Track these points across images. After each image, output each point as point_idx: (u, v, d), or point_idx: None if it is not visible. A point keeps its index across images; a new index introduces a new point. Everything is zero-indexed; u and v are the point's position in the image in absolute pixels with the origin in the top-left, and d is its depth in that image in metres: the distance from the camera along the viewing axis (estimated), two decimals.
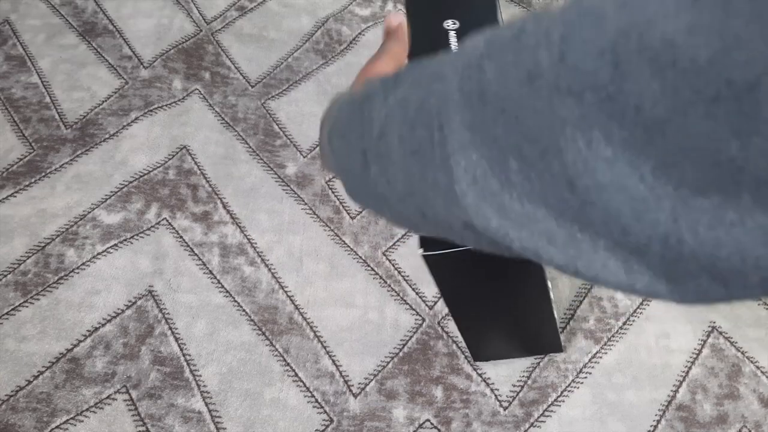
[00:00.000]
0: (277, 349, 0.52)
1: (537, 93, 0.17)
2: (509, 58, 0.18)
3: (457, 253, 0.40)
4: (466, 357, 0.52)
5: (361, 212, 0.59)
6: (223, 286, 0.55)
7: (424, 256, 0.40)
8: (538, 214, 0.18)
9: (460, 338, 0.53)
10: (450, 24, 0.49)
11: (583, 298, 0.56)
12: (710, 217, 0.15)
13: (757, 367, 0.54)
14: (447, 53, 0.23)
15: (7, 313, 0.52)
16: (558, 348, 0.52)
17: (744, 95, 0.13)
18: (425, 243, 0.40)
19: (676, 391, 0.52)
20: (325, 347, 0.52)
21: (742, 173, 0.14)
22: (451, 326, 0.53)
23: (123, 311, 0.53)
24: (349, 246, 0.57)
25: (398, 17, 0.41)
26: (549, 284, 0.42)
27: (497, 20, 0.45)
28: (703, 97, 0.14)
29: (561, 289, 0.57)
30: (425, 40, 0.49)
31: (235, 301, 0.54)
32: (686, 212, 0.15)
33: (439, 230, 0.25)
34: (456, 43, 0.47)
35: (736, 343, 0.54)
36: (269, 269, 0.56)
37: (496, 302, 0.47)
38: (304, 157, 0.63)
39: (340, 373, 0.51)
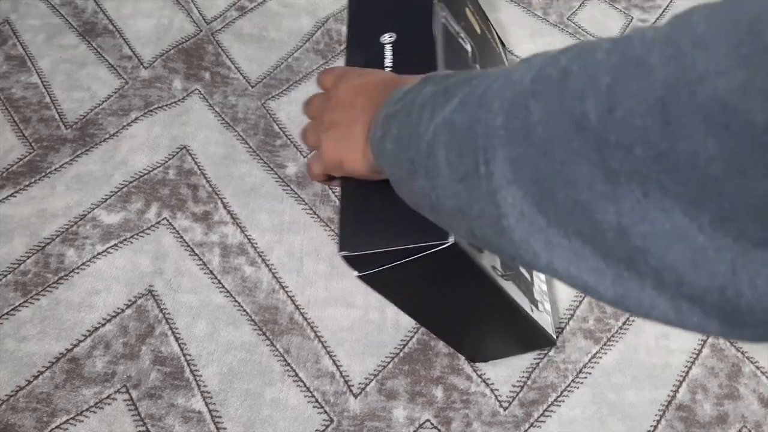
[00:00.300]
0: (277, 349, 0.52)
1: (584, 142, 0.17)
2: (555, 102, 0.18)
3: (392, 269, 0.39)
4: (466, 357, 0.52)
5: None
6: (223, 286, 0.55)
7: (360, 277, 0.39)
8: (585, 252, 0.18)
9: None
10: (387, 38, 0.48)
11: (583, 298, 0.56)
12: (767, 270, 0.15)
13: (757, 367, 0.54)
14: (494, 73, 0.23)
15: (7, 313, 0.52)
16: (549, 342, 0.51)
17: None
18: (357, 263, 0.39)
19: (676, 391, 0.52)
20: (325, 347, 0.52)
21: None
22: None
23: (123, 311, 0.53)
24: None
25: None
26: (502, 282, 0.41)
27: (432, 34, 0.44)
28: (763, 158, 0.14)
29: (561, 288, 0.57)
30: (361, 53, 0.49)
31: (236, 301, 0.54)
32: (746, 264, 0.15)
33: (485, 246, 0.25)
34: (391, 59, 0.46)
35: (736, 343, 0.55)
36: (270, 269, 0.56)
37: (451, 306, 0.46)
38: (304, 157, 0.63)
39: (341, 373, 0.51)
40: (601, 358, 0.53)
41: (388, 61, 0.46)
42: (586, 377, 0.52)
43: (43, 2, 0.74)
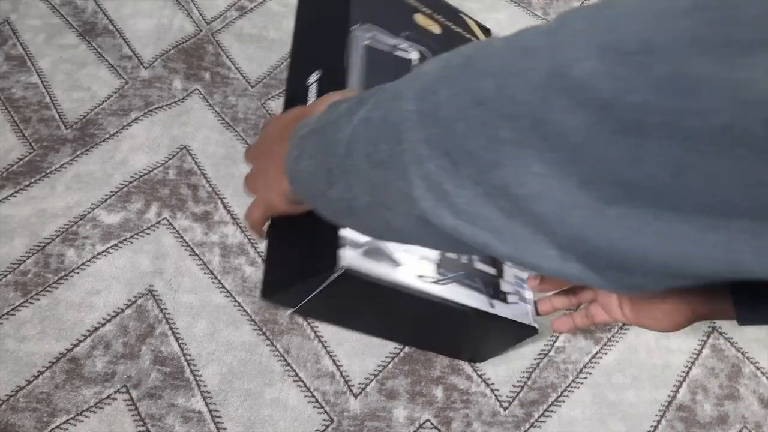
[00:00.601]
0: (277, 349, 0.52)
1: (482, 116, 0.21)
2: (459, 83, 0.22)
3: (311, 302, 0.43)
4: (464, 359, 0.52)
5: None
6: (223, 286, 0.55)
7: (293, 314, 0.42)
8: (487, 213, 0.22)
9: None
10: (313, 78, 0.51)
11: None
12: (615, 224, 0.19)
13: (757, 368, 0.54)
14: (406, 76, 0.27)
15: (7, 313, 0.52)
16: (530, 331, 0.48)
17: (634, 129, 0.17)
18: (280, 303, 0.44)
19: (677, 392, 0.52)
20: (325, 347, 0.52)
21: (640, 189, 0.18)
22: None
23: (123, 311, 0.53)
24: None
25: None
26: (435, 288, 0.42)
27: (344, 68, 0.47)
28: (611, 129, 0.18)
29: None
30: (291, 98, 0.52)
31: (236, 301, 0.54)
32: (598, 219, 0.19)
33: (401, 237, 0.28)
34: (314, 97, 0.49)
35: (736, 343, 0.55)
36: None
37: (402, 320, 0.47)
38: None
39: (341, 373, 0.51)
40: (601, 358, 0.53)
41: (310, 101, 0.49)
42: (586, 377, 0.52)
43: (43, 2, 0.74)
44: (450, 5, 0.65)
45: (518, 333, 0.49)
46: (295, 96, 0.52)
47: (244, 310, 0.53)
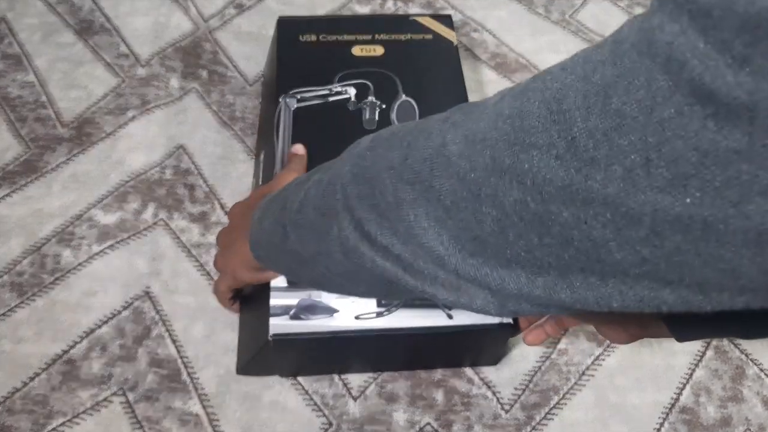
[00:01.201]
0: None
1: (390, 179, 0.27)
2: (381, 152, 0.29)
3: (269, 365, 0.48)
4: (467, 366, 0.52)
5: None
6: None
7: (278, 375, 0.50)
8: (400, 253, 0.28)
9: None
10: (261, 157, 0.56)
11: None
12: (479, 268, 0.25)
13: (761, 370, 0.53)
14: (352, 145, 0.33)
15: (3, 315, 0.52)
16: (509, 330, 0.46)
17: (484, 199, 0.23)
18: (253, 373, 0.49)
19: (680, 394, 0.52)
20: None
21: (488, 244, 0.24)
22: None
23: (119, 312, 0.52)
24: None
25: (302, 148, 0.50)
26: (380, 321, 0.44)
27: (275, 151, 0.51)
28: (466, 196, 0.24)
29: None
30: (255, 171, 0.59)
31: None
32: (469, 265, 0.25)
33: (342, 284, 0.34)
34: (261, 176, 0.54)
35: (740, 345, 0.54)
36: None
37: (372, 360, 0.50)
38: None
39: (340, 376, 0.50)
40: (603, 360, 0.53)
41: (261, 181, 0.54)
42: (588, 380, 0.52)
43: (39, 0, 0.73)
44: (397, 17, 0.68)
45: (495, 335, 0.46)
46: (256, 174, 0.58)
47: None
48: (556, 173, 0.20)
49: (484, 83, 0.69)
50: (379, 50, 0.58)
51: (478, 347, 0.49)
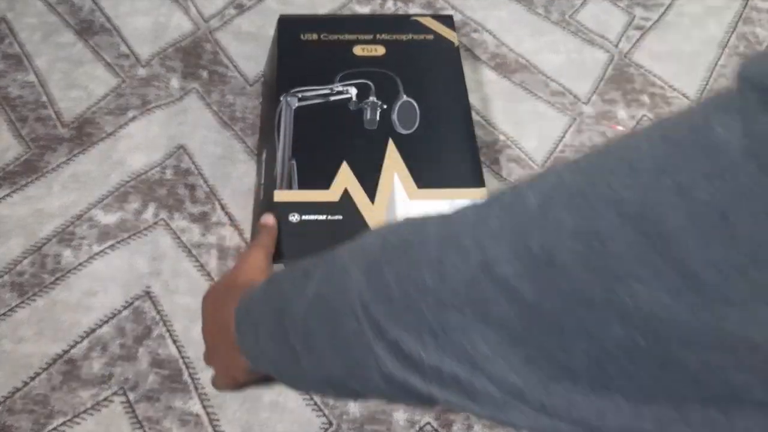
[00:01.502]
0: None
1: (427, 304, 0.23)
2: (402, 268, 0.24)
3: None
4: None
5: None
6: None
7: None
8: (450, 368, 0.23)
9: None
10: (263, 155, 0.56)
11: None
12: (556, 394, 0.21)
13: None
14: (346, 246, 0.28)
15: (3, 314, 0.52)
16: None
17: (554, 326, 0.19)
18: None
19: None
20: None
21: (577, 373, 0.20)
22: None
23: (120, 312, 0.52)
24: None
25: (273, 219, 0.48)
26: None
27: (276, 150, 0.52)
28: (536, 323, 0.20)
29: None
30: (257, 167, 0.58)
31: None
32: (543, 392, 0.21)
33: (386, 400, 0.29)
34: (263, 174, 0.54)
35: None
36: None
37: None
38: None
39: None
40: None
41: (262, 179, 0.54)
42: None
43: (39, 0, 0.73)
44: (398, 17, 0.67)
45: None
46: (258, 172, 0.57)
47: None
48: (674, 312, 0.17)
49: (484, 83, 0.70)
50: (380, 50, 0.58)
51: None
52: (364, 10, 0.75)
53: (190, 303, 0.53)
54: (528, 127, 0.66)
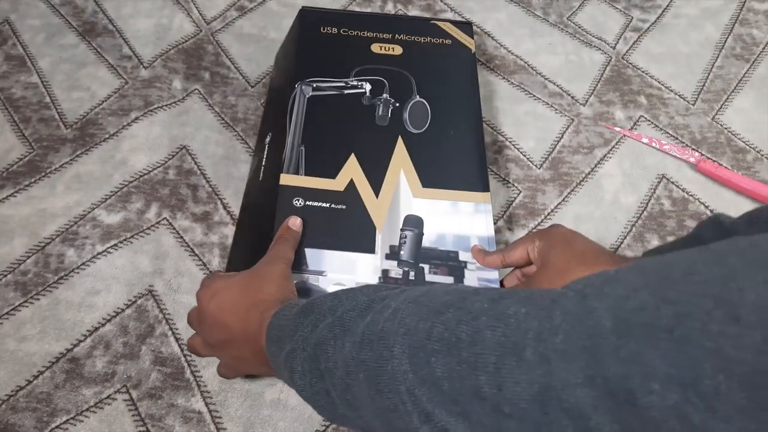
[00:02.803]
0: None
1: (484, 407, 0.22)
2: (454, 366, 0.23)
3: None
4: None
5: None
6: None
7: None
8: None
9: None
10: (268, 138, 0.55)
11: None
12: None
13: None
14: (383, 310, 0.28)
15: (7, 313, 0.52)
16: None
17: None
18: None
19: None
20: None
21: None
22: None
23: (123, 311, 0.53)
24: None
25: (298, 222, 0.47)
26: None
27: (286, 134, 0.51)
28: None
29: None
30: (257, 157, 0.58)
31: None
32: None
33: None
34: (266, 156, 0.54)
35: None
36: None
37: None
38: None
39: None
40: None
41: (264, 161, 0.54)
42: None
43: (42, 2, 0.74)
44: (418, 18, 0.68)
45: None
46: (258, 154, 0.57)
47: None
48: None
49: (483, 84, 0.70)
50: (397, 49, 0.58)
51: None
52: (365, 11, 0.75)
53: (193, 302, 0.53)
54: (526, 128, 0.67)
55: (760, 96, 0.71)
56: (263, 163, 0.54)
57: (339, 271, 0.46)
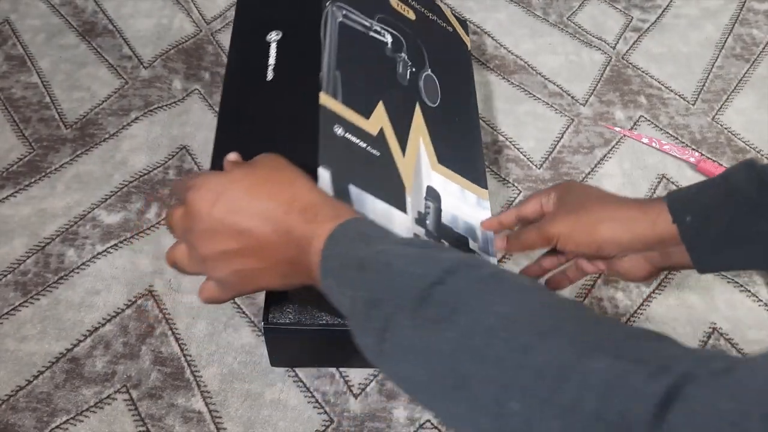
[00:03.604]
0: None
1: None
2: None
3: (277, 352, 0.48)
4: None
5: None
6: None
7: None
8: None
9: None
10: (273, 36, 0.48)
11: (584, 299, 0.56)
12: None
13: None
14: (488, 319, 0.24)
15: (7, 313, 0.52)
16: None
17: None
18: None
19: None
20: None
21: None
22: None
23: (123, 311, 0.53)
24: None
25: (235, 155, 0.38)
26: None
27: (319, 33, 0.46)
28: None
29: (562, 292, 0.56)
30: (244, 50, 0.49)
31: (235, 302, 0.54)
32: None
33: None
34: (275, 57, 0.46)
35: (737, 344, 0.54)
36: None
37: None
38: None
39: (341, 373, 0.51)
40: None
41: (271, 60, 0.46)
42: None
43: (42, 2, 0.74)
44: None
45: None
46: (249, 48, 0.48)
47: (243, 312, 0.53)
48: None
49: (483, 84, 0.70)
50: (411, 14, 0.55)
51: None
52: None
53: (193, 301, 0.54)
54: (526, 128, 0.67)
55: (760, 96, 0.71)
56: (270, 62, 0.46)
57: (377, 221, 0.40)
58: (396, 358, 0.27)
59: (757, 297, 0.56)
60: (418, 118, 0.48)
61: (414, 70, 0.50)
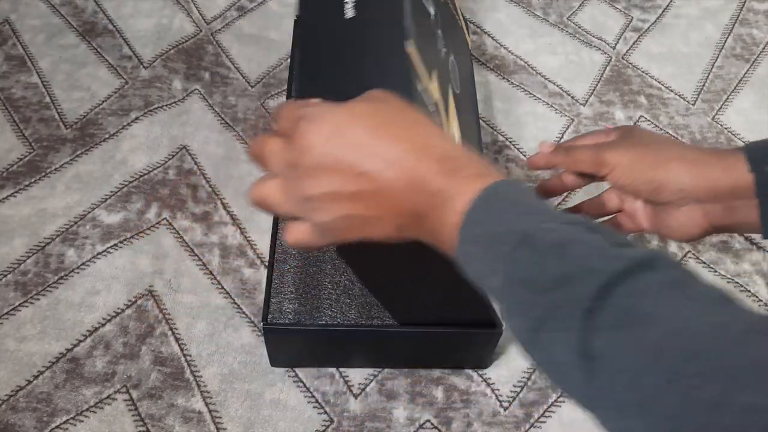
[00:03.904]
0: None
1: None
2: None
3: (276, 352, 0.48)
4: (470, 367, 0.52)
5: None
6: (223, 287, 0.55)
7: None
8: None
9: None
10: None
11: None
12: None
13: None
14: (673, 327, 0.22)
15: (7, 313, 0.52)
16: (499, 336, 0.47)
17: None
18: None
19: None
20: None
21: None
22: None
23: (123, 311, 0.53)
24: None
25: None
26: None
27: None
28: None
29: None
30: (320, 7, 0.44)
31: (235, 303, 0.54)
32: None
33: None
34: (354, 8, 0.41)
35: None
36: None
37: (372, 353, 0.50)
38: None
39: (341, 373, 0.51)
40: None
41: (348, 8, 0.41)
42: None
43: (43, 2, 0.74)
44: None
45: (482, 339, 0.47)
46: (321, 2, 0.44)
47: (243, 312, 0.53)
48: None
49: (483, 84, 0.70)
50: None
51: (465, 350, 0.49)
52: None
53: (193, 301, 0.54)
54: (526, 128, 0.67)
55: (760, 96, 0.71)
56: (351, 15, 0.41)
57: None
58: (554, 353, 0.24)
59: (757, 297, 0.56)
60: (452, 103, 0.45)
61: (446, 50, 0.47)
